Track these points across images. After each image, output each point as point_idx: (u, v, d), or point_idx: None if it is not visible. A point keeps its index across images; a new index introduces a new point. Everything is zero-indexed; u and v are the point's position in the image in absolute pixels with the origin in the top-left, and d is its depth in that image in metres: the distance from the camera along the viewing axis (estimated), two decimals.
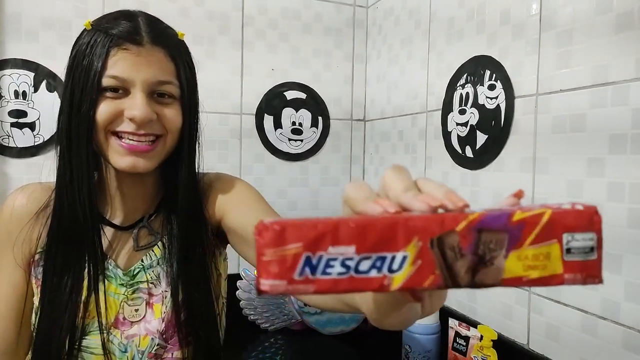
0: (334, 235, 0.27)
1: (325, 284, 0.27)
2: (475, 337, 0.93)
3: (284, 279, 0.27)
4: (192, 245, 0.72)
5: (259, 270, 0.27)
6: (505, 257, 0.27)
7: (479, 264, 0.27)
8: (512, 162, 0.92)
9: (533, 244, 0.27)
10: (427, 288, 0.27)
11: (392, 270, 0.27)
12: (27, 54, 1.16)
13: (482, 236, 0.27)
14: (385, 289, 0.27)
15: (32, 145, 1.18)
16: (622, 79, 0.71)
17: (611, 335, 0.73)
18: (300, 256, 0.27)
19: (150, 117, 0.64)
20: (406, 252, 0.27)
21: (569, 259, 0.27)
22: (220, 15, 1.34)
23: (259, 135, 1.40)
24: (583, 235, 0.27)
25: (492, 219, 0.27)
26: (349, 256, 0.27)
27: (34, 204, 0.70)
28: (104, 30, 0.64)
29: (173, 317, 0.70)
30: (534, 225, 0.27)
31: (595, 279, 0.28)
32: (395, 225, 0.27)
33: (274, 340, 1.20)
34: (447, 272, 0.27)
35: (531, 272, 0.27)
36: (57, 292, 0.66)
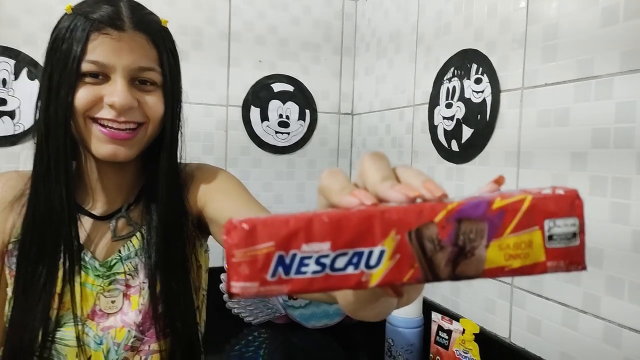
0: (307, 231, 0.25)
1: (300, 284, 0.26)
2: (458, 330, 0.93)
3: (256, 280, 0.25)
4: (172, 235, 0.71)
5: (229, 273, 0.26)
6: (486, 247, 0.26)
7: (460, 255, 0.26)
8: (497, 156, 0.92)
9: (514, 232, 0.26)
10: (407, 283, 0.26)
11: (370, 266, 0.26)
12: (8, 41, 1.14)
13: (462, 226, 0.26)
14: (364, 285, 0.26)
15: (12, 134, 1.15)
16: (607, 73, 0.71)
17: (592, 329, 0.74)
18: (272, 256, 0.25)
19: (130, 104, 0.62)
20: (384, 247, 0.26)
21: (551, 246, 0.26)
22: (207, 5, 1.32)
23: (245, 127, 1.39)
24: (565, 221, 0.26)
25: (471, 208, 0.26)
26: (324, 253, 0.25)
27: (9, 192, 0.69)
28: (85, 14, 0.62)
29: (150, 309, 0.68)
30: (515, 213, 0.26)
31: (579, 266, 0.27)
32: (371, 219, 0.25)
33: (257, 334, 1.19)
34: (427, 265, 0.26)
35: (513, 262, 0.26)
36: (31, 282, 0.64)
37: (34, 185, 0.65)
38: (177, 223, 0.71)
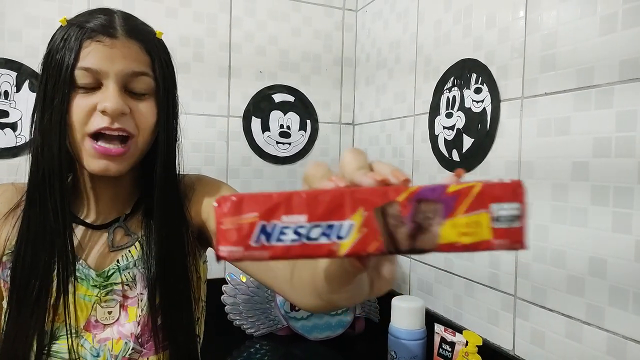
0: (287, 205, 0.29)
1: (279, 250, 0.29)
2: (461, 342, 0.92)
3: (241, 245, 0.29)
4: (172, 246, 0.70)
5: (218, 238, 0.29)
6: (441, 224, 0.30)
7: (418, 230, 0.30)
8: (497, 166, 0.92)
9: (465, 213, 0.29)
10: (372, 253, 0.30)
11: (340, 237, 0.29)
12: (10, 53, 1.15)
13: (421, 206, 0.29)
14: (334, 254, 0.30)
15: (13, 145, 1.16)
16: (606, 82, 0.71)
17: (596, 341, 0.73)
18: (256, 225, 0.29)
19: (122, 109, 0.61)
20: (353, 221, 0.29)
21: (496, 226, 0.30)
22: (208, 16, 1.33)
23: (246, 138, 1.39)
24: (509, 205, 0.30)
25: (429, 191, 0.30)
26: (301, 224, 0.29)
27: (4, 205, 0.69)
28: (78, 24, 0.63)
29: (149, 320, 0.68)
30: (466, 196, 0.29)
31: (519, 245, 0.30)
32: (342, 197, 0.29)
33: (259, 346, 1.18)
34: (390, 238, 0.30)
35: (464, 238, 0.30)
36: (25, 294, 0.63)
37: (28, 196, 0.65)
38: (177, 234, 0.71)
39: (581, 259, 0.75)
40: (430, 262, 1.12)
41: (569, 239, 0.77)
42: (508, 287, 0.89)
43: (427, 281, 1.13)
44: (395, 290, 1.26)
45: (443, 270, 1.08)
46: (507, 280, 0.89)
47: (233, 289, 1.21)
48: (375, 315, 1.28)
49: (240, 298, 1.21)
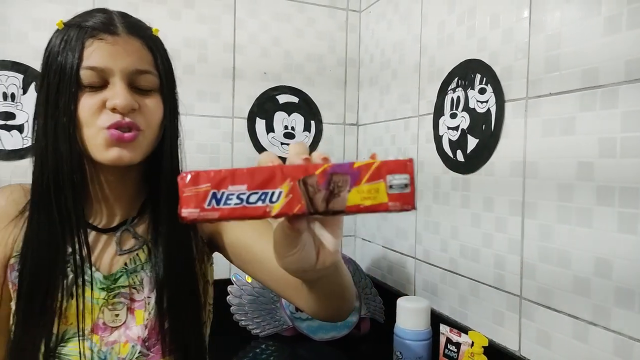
0: (232, 178, 0.38)
1: (226, 211, 0.38)
2: (467, 343, 0.92)
3: (198, 207, 0.38)
4: (179, 250, 0.70)
5: (180, 203, 0.38)
6: (349, 191, 0.38)
7: (331, 196, 0.38)
8: (502, 166, 0.91)
9: (367, 182, 0.38)
10: (296, 213, 0.38)
11: (272, 202, 0.38)
12: (17, 56, 1.15)
13: (333, 177, 0.38)
14: (268, 215, 0.38)
15: (20, 147, 1.16)
16: (611, 82, 0.70)
17: (602, 342, 0.73)
18: (208, 193, 0.38)
19: (132, 105, 0.62)
20: (281, 189, 0.38)
21: (391, 192, 0.38)
22: (212, 18, 1.33)
23: (251, 139, 1.39)
24: (400, 176, 0.38)
25: (340, 167, 0.38)
26: (242, 192, 0.38)
27: (12, 206, 0.68)
28: (77, 24, 0.63)
29: (157, 324, 0.68)
30: (368, 169, 0.38)
31: (409, 206, 0.39)
32: (274, 171, 0.38)
33: (265, 347, 1.19)
34: (309, 202, 0.38)
35: (366, 201, 0.38)
36: (33, 297, 0.63)
37: (34, 200, 0.65)
38: (184, 238, 0.71)
39: (587, 259, 0.75)
40: (435, 262, 1.12)
41: (574, 239, 0.77)
42: (513, 287, 0.89)
43: (432, 282, 1.13)
44: (400, 291, 1.26)
45: (448, 270, 1.08)
46: (512, 281, 0.89)
47: (238, 289, 1.22)
48: (380, 316, 1.28)
49: (245, 299, 1.21)
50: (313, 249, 0.45)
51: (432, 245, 1.13)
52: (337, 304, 0.65)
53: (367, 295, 1.28)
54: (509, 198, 0.90)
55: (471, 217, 1.00)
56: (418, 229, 1.19)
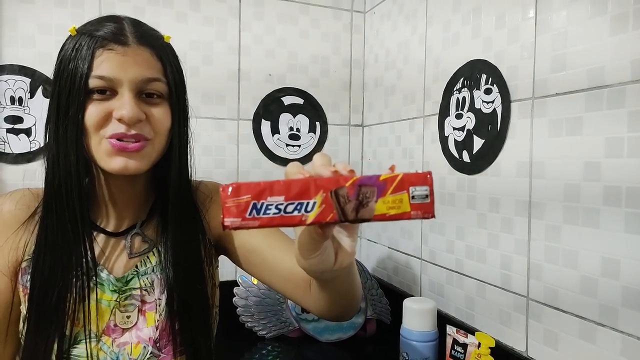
0: (270, 190, 0.41)
1: (265, 220, 0.42)
2: (473, 344, 0.92)
3: (239, 217, 0.41)
4: (188, 252, 0.71)
5: (223, 213, 0.41)
6: (376, 201, 0.42)
7: (360, 206, 0.42)
8: (508, 167, 0.91)
9: (392, 194, 0.42)
10: (329, 222, 0.42)
11: (307, 211, 0.42)
12: (24, 60, 1.16)
13: (362, 189, 0.42)
14: (303, 223, 0.42)
15: (28, 151, 1.17)
16: (618, 82, 0.70)
17: (610, 342, 0.72)
18: (249, 203, 0.41)
19: (138, 117, 0.62)
20: (315, 200, 0.42)
21: (413, 202, 0.43)
22: (217, 20, 1.34)
23: (256, 140, 1.39)
24: (421, 188, 0.43)
25: (367, 179, 0.42)
26: (280, 202, 0.42)
27: (22, 210, 0.69)
28: (89, 33, 0.63)
29: (167, 325, 0.69)
30: (393, 182, 0.42)
31: (429, 214, 0.43)
32: (308, 183, 0.42)
33: (271, 348, 1.19)
34: (341, 211, 0.42)
35: (391, 211, 0.43)
36: (45, 300, 0.64)
37: (46, 204, 0.66)
38: (193, 240, 0.72)
39: (594, 259, 0.74)
40: (441, 263, 1.12)
41: (581, 239, 0.76)
42: (520, 288, 0.89)
43: (439, 282, 1.13)
44: (406, 292, 1.26)
45: (454, 271, 1.07)
46: (519, 281, 0.89)
47: (245, 291, 1.22)
48: (386, 317, 1.28)
49: (251, 300, 1.21)
50: (332, 251, 0.49)
51: (438, 246, 1.13)
52: (346, 303, 0.66)
53: (373, 297, 1.27)
54: (515, 198, 0.90)
55: (477, 218, 1.00)
56: (424, 230, 1.19)
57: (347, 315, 0.70)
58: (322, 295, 0.65)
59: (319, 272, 0.51)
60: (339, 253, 0.50)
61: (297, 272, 0.69)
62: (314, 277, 0.56)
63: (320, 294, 0.65)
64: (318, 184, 0.42)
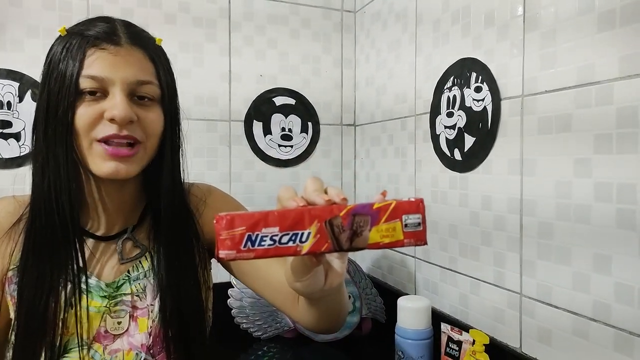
0: (265, 221, 0.42)
1: (260, 251, 0.42)
2: (468, 341, 0.92)
3: (234, 249, 0.41)
4: (182, 257, 0.70)
5: (217, 245, 0.42)
6: (369, 230, 0.43)
7: (354, 235, 0.43)
8: (500, 164, 0.92)
9: (385, 222, 0.43)
10: (323, 252, 0.43)
11: (302, 241, 0.42)
12: (12, 64, 1.15)
13: (355, 218, 0.43)
14: (298, 253, 0.43)
15: (18, 155, 1.16)
16: (606, 79, 0.71)
17: (603, 337, 0.73)
18: (244, 235, 0.42)
19: (130, 117, 0.61)
20: (310, 230, 0.42)
21: (406, 230, 0.44)
22: (207, 21, 1.33)
23: (249, 141, 1.39)
24: (414, 216, 0.44)
25: (361, 207, 0.43)
26: (275, 234, 0.42)
27: (6, 219, 0.68)
28: (80, 33, 0.62)
29: (161, 331, 0.68)
30: (386, 211, 0.43)
31: (422, 242, 0.44)
32: (303, 214, 0.42)
33: (266, 349, 1.19)
34: (335, 241, 0.43)
35: (385, 239, 0.43)
36: (33, 309, 0.62)
37: (33, 209, 0.64)
38: (186, 244, 0.71)
39: (586, 255, 0.75)
40: (435, 261, 1.13)
41: (573, 235, 0.77)
42: (513, 285, 0.89)
43: (433, 280, 1.14)
44: (401, 290, 1.26)
45: (448, 269, 1.08)
46: (512, 278, 0.90)
47: (239, 292, 1.22)
48: (381, 316, 1.28)
49: (246, 301, 1.21)
50: (323, 272, 0.50)
51: (432, 243, 1.13)
52: (334, 319, 0.67)
53: (368, 296, 1.28)
54: (507, 196, 0.90)
55: (470, 216, 1.00)
56: None
57: (333, 329, 0.70)
58: (310, 311, 0.65)
59: (308, 292, 0.52)
60: (329, 274, 0.50)
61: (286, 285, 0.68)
62: (303, 296, 0.56)
63: (308, 310, 0.65)
64: (312, 214, 0.42)
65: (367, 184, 1.45)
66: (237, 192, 1.36)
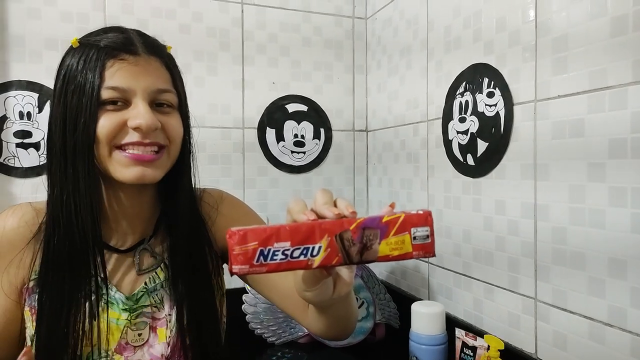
0: (277, 236, 0.43)
1: (272, 266, 0.43)
2: (483, 347, 0.92)
3: (247, 264, 0.42)
4: (197, 265, 0.71)
5: (231, 260, 0.42)
6: (379, 244, 0.44)
7: (364, 248, 0.44)
8: (513, 169, 0.92)
9: (394, 235, 0.44)
10: (335, 265, 0.44)
11: (313, 255, 0.43)
12: (31, 75, 1.18)
13: (365, 232, 0.44)
14: (310, 267, 0.44)
15: (37, 165, 1.19)
16: (619, 83, 0.70)
17: (619, 343, 0.72)
18: (257, 250, 0.42)
19: (155, 125, 0.62)
20: (321, 244, 0.43)
21: (415, 242, 0.44)
22: (220, 31, 1.35)
23: (262, 148, 1.40)
24: (422, 229, 0.45)
25: (370, 221, 0.44)
26: (286, 248, 0.43)
27: (25, 228, 0.67)
28: (95, 44, 0.63)
29: (178, 341, 0.68)
30: (395, 224, 0.44)
31: (430, 254, 0.45)
32: (313, 228, 0.43)
33: (281, 354, 1.19)
34: (346, 254, 0.44)
35: (394, 252, 0.44)
36: (55, 320, 0.62)
37: (53, 221, 0.64)
38: (200, 252, 0.72)
39: (601, 260, 0.74)
40: (449, 266, 1.12)
41: (588, 240, 0.77)
42: (528, 290, 0.89)
43: (447, 285, 1.13)
44: (414, 296, 1.26)
45: (462, 274, 1.07)
46: (526, 283, 0.89)
47: (253, 298, 1.23)
48: (395, 321, 1.28)
49: (260, 307, 1.22)
50: (331, 281, 0.51)
51: (445, 249, 1.13)
52: (343, 327, 0.67)
53: (382, 301, 1.28)
54: (520, 201, 0.90)
55: (483, 221, 1.00)
56: None
57: (342, 336, 0.70)
58: (320, 319, 0.66)
59: (318, 301, 0.53)
60: (338, 283, 0.52)
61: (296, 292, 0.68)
62: (312, 304, 0.58)
63: (317, 318, 0.66)
64: (323, 228, 0.43)
65: (379, 189, 1.46)
66: (251, 199, 1.38)
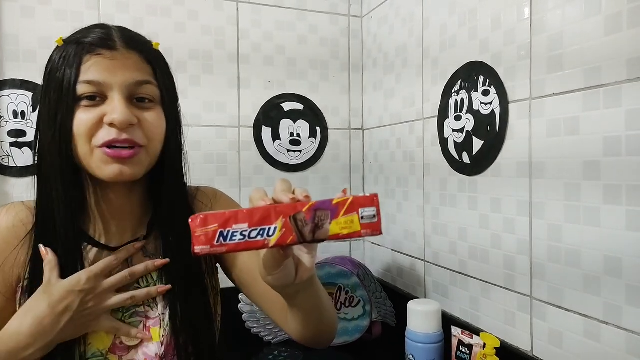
0: (235, 218, 0.47)
1: (232, 246, 0.47)
2: (479, 345, 0.92)
3: (208, 244, 0.46)
4: (189, 265, 0.71)
5: (193, 242, 0.46)
6: (330, 223, 0.48)
7: (316, 228, 0.48)
8: (508, 167, 0.92)
9: (344, 215, 0.48)
10: (290, 244, 0.48)
11: (269, 235, 0.47)
12: (25, 74, 1.18)
13: (317, 213, 0.47)
14: (266, 246, 0.47)
15: (31, 164, 1.18)
16: (614, 82, 0.71)
17: (614, 340, 0.72)
18: (217, 232, 0.46)
19: (129, 120, 0.61)
20: (276, 225, 0.47)
21: (363, 222, 0.48)
22: (216, 29, 1.35)
23: (258, 147, 1.40)
24: (369, 209, 0.48)
25: (321, 203, 0.48)
26: (244, 229, 0.46)
27: (20, 226, 0.67)
28: (76, 41, 0.63)
29: (172, 340, 0.68)
30: (344, 205, 0.48)
31: (377, 232, 0.49)
32: (269, 210, 0.47)
33: (277, 353, 1.19)
34: (299, 233, 0.47)
35: (343, 230, 0.48)
36: None
37: (38, 216, 0.64)
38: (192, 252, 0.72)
39: (596, 258, 0.75)
40: (444, 264, 1.13)
41: (583, 238, 0.77)
42: (524, 287, 0.89)
43: (443, 284, 1.14)
44: (410, 294, 1.26)
45: (458, 272, 1.08)
46: (522, 281, 0.89)
47: None
48: (391, 320, 1.28)
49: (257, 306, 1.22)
50: (293, 266, 0.54)
51: (441, 247, 1.13)
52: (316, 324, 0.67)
53: (378, 299, 1.28)
54: (516, 199, 0.90)
55: (479, 219, 1.00)
56: (426, 232, 1.20)
57: (321, 339, 0.70)
58: (293, 316, 0.66)
59: (281, 286, 0.55)
60: (299, 268, 0.54)
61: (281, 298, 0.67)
62: (279, 292, 0.59)
63: (291, 314, 0.66)
64: (278, 211, 0.47)
65: (375, 187, 1.46)
66: (247, 198, 1.37)
